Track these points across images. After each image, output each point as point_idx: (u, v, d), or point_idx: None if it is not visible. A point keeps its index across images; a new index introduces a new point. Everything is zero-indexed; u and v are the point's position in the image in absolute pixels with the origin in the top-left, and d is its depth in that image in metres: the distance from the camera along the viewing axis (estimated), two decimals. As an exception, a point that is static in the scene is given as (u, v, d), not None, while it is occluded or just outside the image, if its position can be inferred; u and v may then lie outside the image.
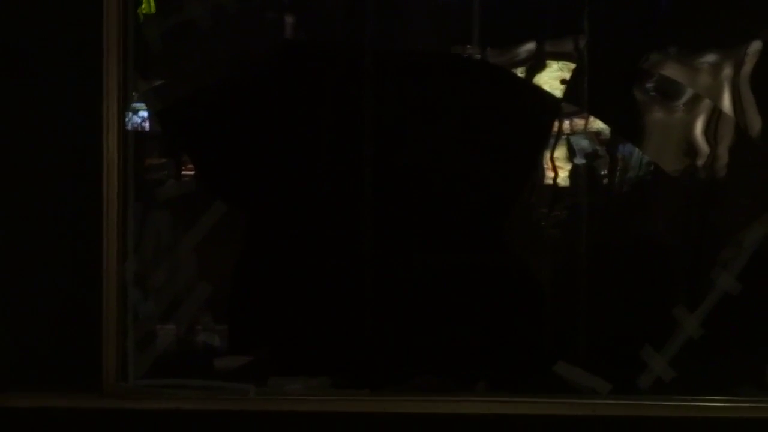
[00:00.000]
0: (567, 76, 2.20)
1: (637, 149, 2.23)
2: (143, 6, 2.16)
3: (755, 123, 2.13)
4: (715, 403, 1.97)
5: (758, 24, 2.15)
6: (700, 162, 2.21)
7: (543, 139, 2.26)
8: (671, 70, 2.16)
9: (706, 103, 2.19)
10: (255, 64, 2.41)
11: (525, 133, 2.30)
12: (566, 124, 2.26)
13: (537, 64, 2.23)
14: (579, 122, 2.25)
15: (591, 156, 2.25)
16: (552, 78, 2.21)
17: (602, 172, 2.28)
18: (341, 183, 2.28)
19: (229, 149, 2.28)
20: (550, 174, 2.27)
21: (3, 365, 2.12)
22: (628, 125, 2.25)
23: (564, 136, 2.26)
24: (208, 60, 2.35)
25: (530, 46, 2.29)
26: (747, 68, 2.12)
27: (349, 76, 2.26)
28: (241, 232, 2.32)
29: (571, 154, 2.23)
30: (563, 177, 2.28)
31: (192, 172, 2.34)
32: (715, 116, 2.17)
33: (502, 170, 2.29)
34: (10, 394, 2.12)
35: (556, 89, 2.20)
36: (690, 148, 2.20)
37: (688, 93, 2.15)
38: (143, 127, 2.21)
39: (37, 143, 2.17)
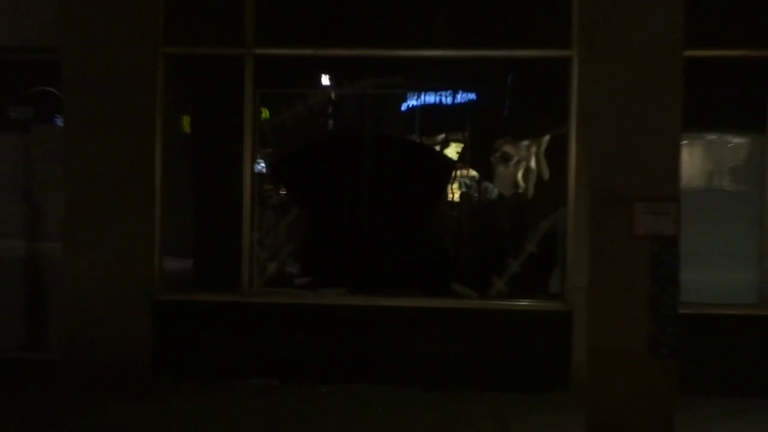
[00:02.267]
0: (459, 149, 4.68)
1: (491, 184, 4.73)
2: (263, 114, 4.50)
3: (544, 173, 4.52)
4: (519, 302, 4.23)
5: (546, 124, 4.50)
6: (520, 190, 4.65)
7: (447, 179, 4.71)
8: (507, 148, 4.55)
9: (523, 163, 4.57)
10: (318, 142, 4.89)
11: (440, 176, 4.73)
12: (458, 172, 4.76)
13: (446, 143, 4.73)
14: (464, 171, 4.74)
15: (469, 186, 4.73)
16: (453, 150, 4.70)
17: (474, 195, 4.79)
18: (351, 205, 4.56)
19: (302, 183, 4.68)
20: (449, 194, 4.80)
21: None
22: (487, 172, 4.71)
23: (457, 178, 4.76)
24: (293, 139, 4.86)
25: (444, 134, 4.75)
26: (542, 147, 4.51)
27: (358, 153, 4.59)
28: (305, 222, 4.72)
29: (460, 185, 4.74)
30: (456, 196, 4.80)
31: (283, 193, 4.75)
32: (526, 169, 4.59)
33: (430, 191, 4.74)
34: (188, 291, 4.39)
35: (453, 156, 4.71)
36: (515, 183, 4.61)
37: (515, 158, 4.58)
38: (262, 171, 4.61)
39: (213, 176, 4.50)
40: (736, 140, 4.37)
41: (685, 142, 3.44)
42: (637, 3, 3.00)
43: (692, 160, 4.26)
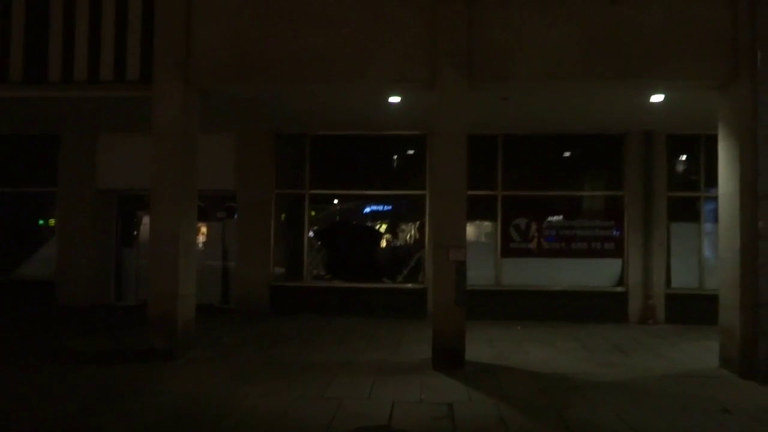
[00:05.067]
0: (385, 226, 11.14)
1: (397, 239, 11.16)
2: (313, 213, 11.02)
3: (417, 234, 10.98)
4: (407, 284, 10.73)
5: (421, 216, 11.06)
6: (409, 240, 11.05)
7: (379, 237, 11.25)
8: (402, 226, 11.10)
9: (410, 230, 11.06)
10: (331, 225, 11.44)
11: (376, 236, 11.30)
12: (384, 235, 11.23)
13: (380, 224, 11.23)
14: (387, 234, 11.17)
15: (388, 240, 11.15)
16: (383, 227, 11.18)
17: (391, 242, 11.20)
18: (343, 247, 11.11)
19: (325, 239, 11.18)
20: (381, 243, 11.23)
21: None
22: (395, 234, 11.16)
23: (383, 237, 11.22)
24: (330, 221, 11.47)
25: (379, 221, 11.29)
26: (416, 225, 11.00)
27: (346, 230, 11.23)
28: (327, 253, 11.22)
29: (384, 239, 11.18)
30: (383, 243, 11.21)
31: (318, 242, 11.19)
32: (411, 233, 11.06)
33: (372, 242, 11.26)
34: (283, 280, 10.77)
35: (382, 229, 11.17)
36: (406, 238, 11.05)
37: (406, 229, 11.08)
38: (310, 234, 11.04)
39: (293, 234, 10.97)
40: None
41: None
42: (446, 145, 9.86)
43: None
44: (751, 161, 6.57)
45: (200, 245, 10.86)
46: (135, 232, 11.67)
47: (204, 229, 11.18)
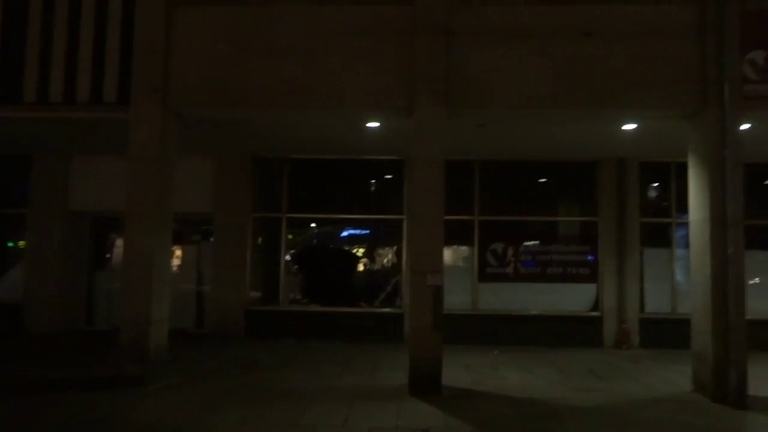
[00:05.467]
0: (363, 251, 11.14)
1: (374, 263, 11.14)
2: (290, 236, 10.94)
3: (394, 258, 10.98)
4: (385, 309, 10.69)
5: (398, 240, 11.07)
6: (387, 264, 11.03)
7: (356, 261, 11.19)
8: (379, 251, 11.09)
9: (388, 255, 11.06)
10: (307, 248, 11.34)
11: (353, 260, 11.24)
12: (361, 259, 11.20)
13: (357, 248, 11.21)
14: (363, 258, 11.14)
15: (365, 264, 11.12)
16: (360, 251, 11.16)
17: (368, 267, 11.14)
18: (319, 271, 11.07)
19: (301, 262, 11.05)
20: (361, 266, 11.17)
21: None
22: (373, 258, 11.15)
23: (360, 261, 11.18)
24: (308, 245, 11.35)
25: (357, 245, 11.28)
26: (394, 250, 11.01)
27: (322, 253, 11.21)
28: (303, 277, 11.08)
29: (361, 263, 11.14)
30: (360, 267, 11.15)
31: (295, 266, 11.07)
32: (389, 257, 11.06)
33: (349, 266, 11.17)
34: (258, 305, 10.62)
35: (359, 253, 11.15)
36: (383, 262, 11.03)
37: (383, 254, 11.07)
38: (287, 258, 10.93)
39: (270, 258, 10.87)
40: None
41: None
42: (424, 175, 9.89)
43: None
44: (720, 189, 6.74)
45: (175, 269, 10.68)
46: (108, 255, 11.46)
47: (179, 253, 11.01)
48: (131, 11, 7.36)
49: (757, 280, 10.10)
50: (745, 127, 7.21)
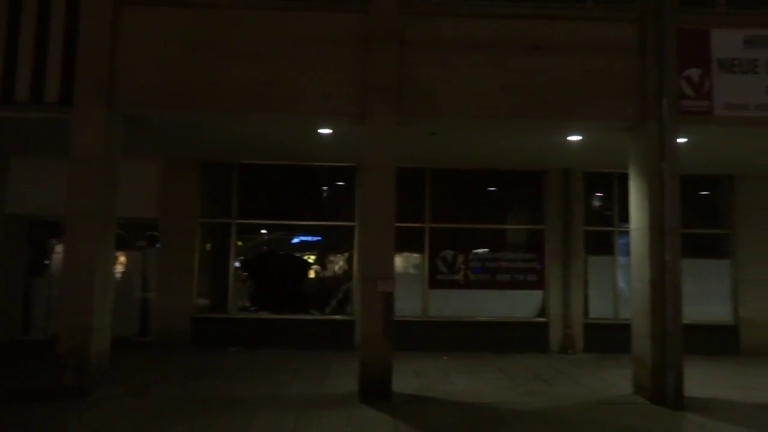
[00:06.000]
0: (314, 257, 11.08)
1: (325, 269, 11.10)
2: (240, 243, 10.76)
3: (345, 265, 10.96)
4: (336, 316, 10.65)
5: (349, 248, 11.09)
6: (338, 271, 11.02)
7: (307, 267, 11.11)
8: (331, 257, 11.08)
9: (339, 261, 11.05)
10: (257, 255, 11.19)
11: (304, 266, 11.17)
12: (312, 266, 11.15)
13: (309, 254, 11.16)
14: (315, 265, 11.10)
15: (316, 271, 11.08)
16: (311, 257, 11.10)
17: (319, 273, 11.08)
18: (269, 278, 10.93)
19: (251, 269, 10.90)
20: (312, 273, 11.12)
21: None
22: (324, 266, 11.12)
23: (311, 267, 11.13)
24: (258, 252, 11.20)
25: (308, 251, 11.22)
26: (345, 256, 11.00)
27: (272, 259, 11.08)
28: (253, 284, 10.90)
29: (312, 270, 11.08)
30: (312, 274, 11.11)
31: (245, 273, 10.90)
32: (340, 264, 11.03)
33: (300, 272, 11.11)
34: (205, 312, 10.43)
35: (311, 260, 11.09)
36: (335, 269, 11.02)
37: (334, 260, 11.06)
38: (236, 264, 10.73)
39: (220, 265, 10.66)
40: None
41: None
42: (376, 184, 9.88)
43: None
44: (658, 199, 7.04)
45: (118, 275, 10.35)
46: (47, 261, 10.98)
47: (123, 259, 10.67)
48: (75, 8, 7.11)
49: (692, 286, 10.55)
50: (681, 140, 7.55)
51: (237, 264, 10.68)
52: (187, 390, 7.16)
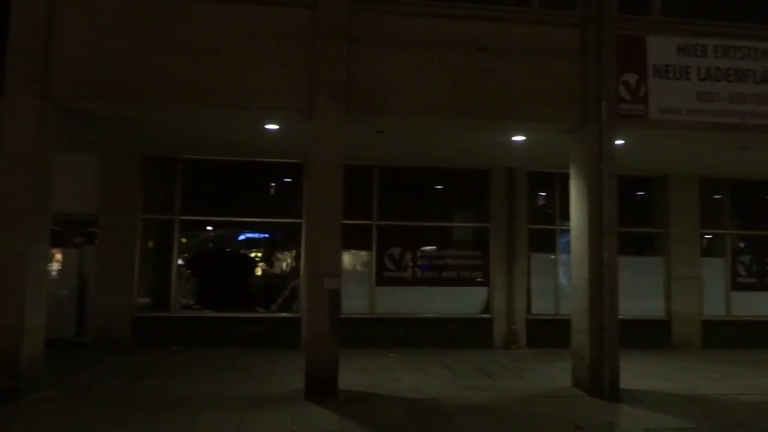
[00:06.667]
0: (260, 254, 10.96)
1: (271, 268, 11.01)
2: (184, 240, 10.50)
3: (293, 262, 10.92)
4: (282, 313, 10.53)
5: (296, 245, 11.02)
6: (285, 269, 10.94)
7: (253, 265, 10.97)
8: (278, 254, 10.98)
9: (287, 258, 10.96)
10: (202, 252, 11.02)
11: (250, 264, 11.04)
12: (258, 263, 11.02)
13: (255, 251, 11.02)
14: (261, 263, 10.99)
15: (263, 269, 10.95)
16: (256, 254, 10.97)
17: (266, 272, 10.97)
18: (214, 275, 10.72)
19: (196, 267, 10.66)
20: (258, 270, 10.98)
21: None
22: (271, 263, 11.01)
23: (257, 265, 11.00)
24: (203, 249, 11.02)
25: (255, 249, 11.07)
26: (293, 253, 10.95)
27: (218, 257, 10.90)
28: (197, 282, 10.67)
29: (258, 268, 10.95)
30: (258, 272, 11.00)
31: (188, 271, 10.65)
32: (287, 261, 10.94)
33: (246, 270, 10.95)
34: (147, 311, 10.14)
35: (257, 257, 10.96)
36: (282, 267, 10.93)
37: (282, 258, 10.97)
38: (181, 264, 10.47)
39: (162, 263, 10.37)
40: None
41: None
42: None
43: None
44: (596, 199, 7.30)
45: (54, 273, 9.93)
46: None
47: (59, 256, 10.23)
48: (8, -7, 6.77)
49: (628, 283, 10.98)
50: (619, 142, 7.85)
51: (180, 261, 10.44)
52: (127, 391, 6.95)
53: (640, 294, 11.21)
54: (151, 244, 10.50)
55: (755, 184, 11.81)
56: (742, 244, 12.04)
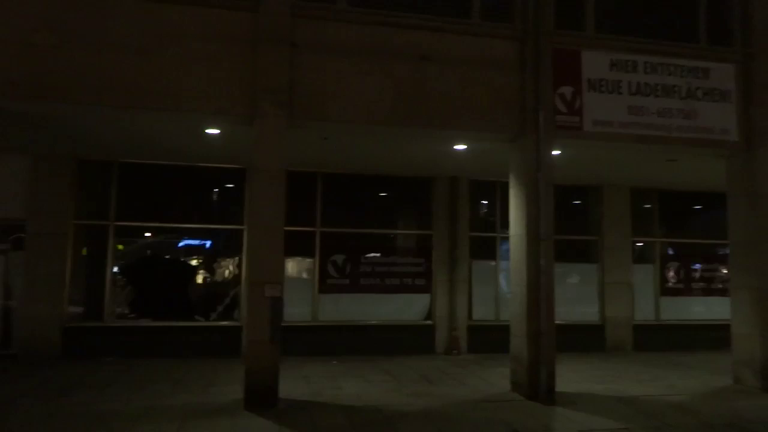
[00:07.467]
0: (200, 261, 10.71)
1: (213, 276, 10.77)
2: (120, 247, 10.13)
3: (235, 269, 10.74)
4: (222, 322, 10.34)
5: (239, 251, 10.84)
6: (227, 276, 10.74)
7: (193, 272, 10.74)
8: (221, 261, 10.77)
9: (228, 265, 10.75)
10: (139, 260, 10.62)
11: (189, 271, 10.79)
12: (198, 270, 10.77)
13: (195, 259, 10.77)
14: (201, 270, 10.74)
15: (204, 276, 10.71)
16: (196, 261, 10.72)
17: (208, 279, 10.73)
18: (151, 284, 10.37)
19: (131, 275, 10.28)
20: (198, 278, 10.72)
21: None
22: (212, 270, 10.77)
23: (197, 272, 10.75)
24: (139, 256, 10.60)
25: (194, 257, 10.81)
26: (236, 261, 10.77)
27: (155, 265, 10.58)
28: (132, 291, 10.30)
29: (207, 273, 10.71)
30: (200, 279, 10.74)
31: (123, 278, 10.26)
32: (229, 268, 10.78)
33: (184, 277, 10.67)
34: (79, 321, 9.68)
35: (196, 264, 10.72)
36: (224, 273, 10.73)
37: (222, 265, 10.75)
38: (116, 270, 10.10)
39: (95, 271, 9.94)
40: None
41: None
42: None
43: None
44: (534, 207, 7.51)
45: (-24, 282, 9.40)
46: None
47: (-19, 264, 9.69)
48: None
49: (565, 289, 11.32)
50: (556, 153, 8.10)
51: (116, 269, 10.05)
52: (53, 405, 6.62)
53: (575, 299, 11.59)
54: (84, 251, 10.07)
55: (683, 194, 12.42)
56: (670, 251, 12.61)
